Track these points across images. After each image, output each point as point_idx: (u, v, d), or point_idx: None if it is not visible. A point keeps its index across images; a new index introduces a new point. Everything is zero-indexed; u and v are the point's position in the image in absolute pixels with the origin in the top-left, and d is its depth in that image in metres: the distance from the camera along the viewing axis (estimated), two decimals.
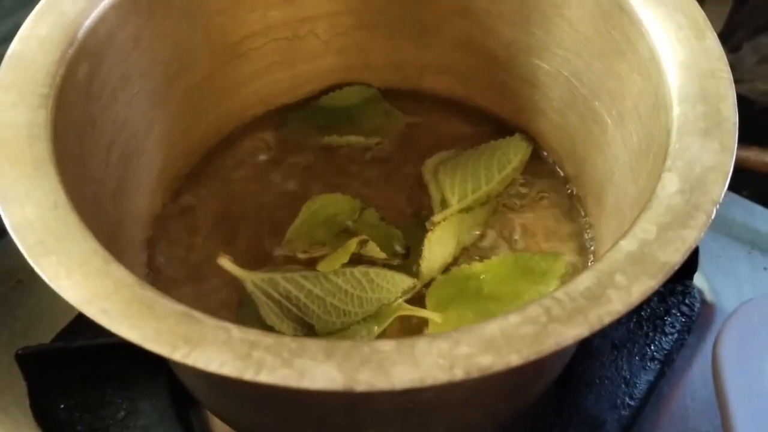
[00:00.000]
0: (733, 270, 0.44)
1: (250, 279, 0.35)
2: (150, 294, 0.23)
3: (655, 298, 0.41)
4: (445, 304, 0.35)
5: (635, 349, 0.39)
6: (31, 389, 0.38)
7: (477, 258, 0.37)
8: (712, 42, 0.29)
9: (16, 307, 0.43)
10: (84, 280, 0.23)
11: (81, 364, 0.38)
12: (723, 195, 0.24)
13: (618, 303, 0.22)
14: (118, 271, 0.23)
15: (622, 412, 0.37)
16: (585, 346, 0.39)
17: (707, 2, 0.86)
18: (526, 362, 0.21)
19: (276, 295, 0.35)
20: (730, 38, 0.86)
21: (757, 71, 0.84)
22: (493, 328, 0.22)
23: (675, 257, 0.23)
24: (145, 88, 0.35)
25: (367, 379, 0.20)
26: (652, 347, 0.39)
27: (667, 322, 0.40)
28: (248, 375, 0.20)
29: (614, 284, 0.22)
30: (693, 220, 0.24)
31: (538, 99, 0.39)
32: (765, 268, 0.44)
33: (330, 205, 0.39)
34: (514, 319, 0.22)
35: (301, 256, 0.37)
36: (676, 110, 0.27)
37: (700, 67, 0.28)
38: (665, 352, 0.39)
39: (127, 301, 0.22)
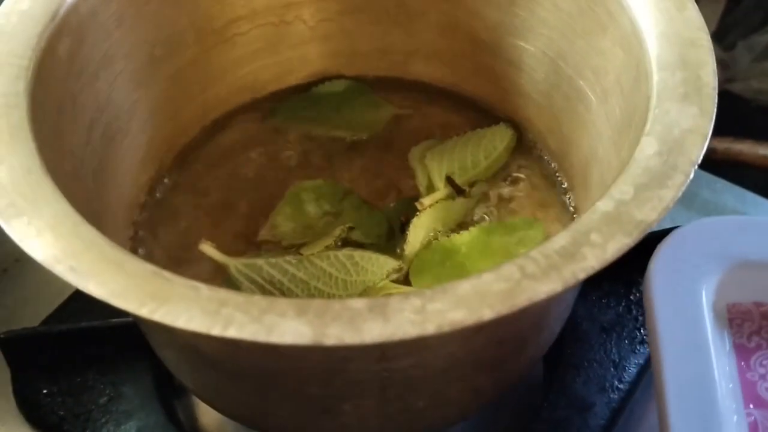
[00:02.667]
0: None
1: (233, 264, 0.35)
2: (119, 253, 0.22)
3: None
4: (429, 279, 0.35)
5: (624, 333, 0.39)
6: (14, 374, 0.37)
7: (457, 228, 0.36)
8: (692, 12, 0.29)
9: (1, 296, 0.43)
10: (54, 240, 0.23)
11: (64, 348, 0.37)
12: (701, 156, 0.24)
13: (593, 260, 0.21)
14: (89, 232, 0.23)
15: (611, 395, 0.36)
16: (573, 329, 0.38)
17: (701, 1, 0.86)
18: (499, 316, 0.20)
19: (259, 280, 0.35)
20: (724, 37, 0.86)
21: (752, 70, 0.84)
22: (466, 286, 0.21)
23: (651, 215, 0.22)
24: (129, 68, 0.35)
25: (337, 334, 0.20)
26: (642, 331, 0.39)
27: None
28: (216, 330, 0.20)
29: (589, 242, 0.22)
30: (670, 180, 0.23)
31: (524, 82, 0.39)
32: None
33: (313, 189, 0.39)
34: (487, 277, 0.21)
35: (285, 242, 0.37)
36: (655, 77, 0.27)
37: (680, 36, 0.28)
38: None
39: (96, 259, 0.22)
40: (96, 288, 0.21)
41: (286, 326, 0.20)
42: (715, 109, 0.25)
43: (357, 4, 0.41)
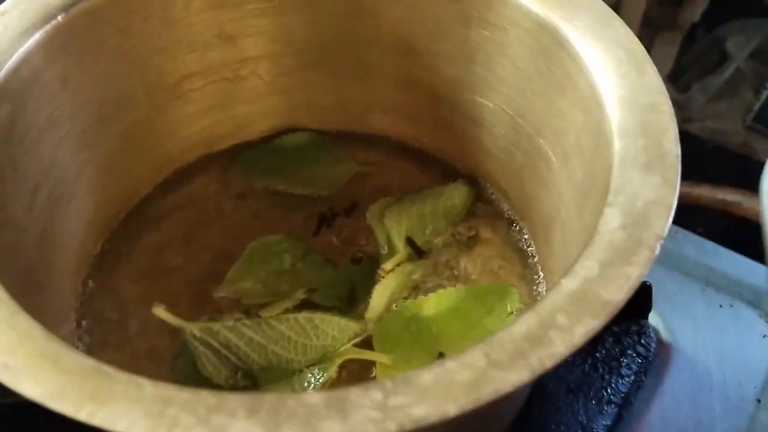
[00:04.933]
0: (688, 308, 0.43)
1: (188, 329, 0.33)
2: (57, 347, 0.21)
3: (610, 339, 0.40)
4: (393, 344, 0.34)
5: (591, 393, 0.38)
6: None
7: (423, 294, 0.35)
8: (653, 76, 0.28)
9: None
10: None
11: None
12: (667, 229, 0.23)
13: (560, 345, 0.21)
14: (25, 323, 0.21)
15: None
16: (540, 390, 0.37)
17: (656, 43, 0.88)
18: (464, 412, 0.19)
19: (215, 344, 0.33)
20: (679, 78, 0.87)
21: (707, 110, 0.85)
22: (428, 376, 0.20)
23: (618, 295, 0.22)
24: (75, 129, 0.34)
25: None
26: (609, 390, 0.38)
27: (623, 364, 0.39)
28: None
29: (556, 325, 0.21)
30: (636, 256, 0.23)
31: (483, 138, 0.39)
32: (720, 306, 0.43)
33: (273, 245, 0.38)
34: (451, 365, 0.20)
35: (244, 301, 0.36)
36: (617, 145, 0.27)
37: (640, 101, 0.28)
38: (622, 394, 0.38)
39: (32, 354, 0.20)
40: (30, 389, 0.19)
41: (236, 428, 0.19)
42: (679, 178, 0.25)
43: (313, 59, 0.40)
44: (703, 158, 0.84)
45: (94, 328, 0.35)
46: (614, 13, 0.31)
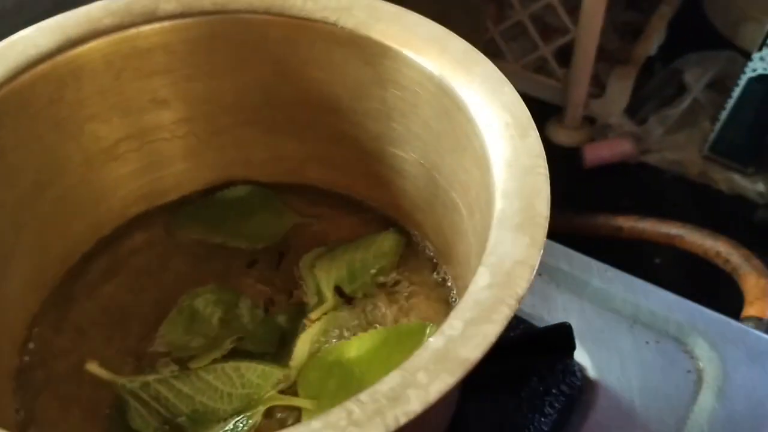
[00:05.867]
0: (615, 345, 0.45)
1: (120, 383, 0.35)
2: None
3: (534, 378, 0.41)
4: (317, 389, 0.36)
5: (515, 431, 0.39)
6: None
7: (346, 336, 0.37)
8: (534, 140, 0.30)
9: None
10: None
11: None
12: (528, 288, 0.25)
13: (416, 402, 0.22)
14: None
15: None
16: (464, 428, 0.39)
17: (612, 77, 0.90)
18: None
19: (145, 397, 0.35)
20: (637, 111, 0.90)
21: (665, 142, 0.88)
22: None
23: (475, 353, 0.23)
24: (11, 196, 0.36)
25: None
26: (531, 429, 0.39)
27: (546, 402, 0.41)
28: None
29: (415, 383, 0.23)
30: (496, 314, 0.24)
31: (408, 188, 0.41)
32: (647, 342, 0.45)
33: (205, 296, 0.39)
34: (316, 425, 0.22)
35: (174, 354, 0.37)
36: (498, 205, 0.29)
37: (521, 163, 0.30)
38: None
39: None
40: None
41: None
42: (545, 239, 0.27)
43: (247, 118, 0.42)
44: (661, 189, 0.86)
45: (31, 386, 0.37)
46: (505, 79, 0.33)
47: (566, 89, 0.83)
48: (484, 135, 0.32)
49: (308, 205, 0.45)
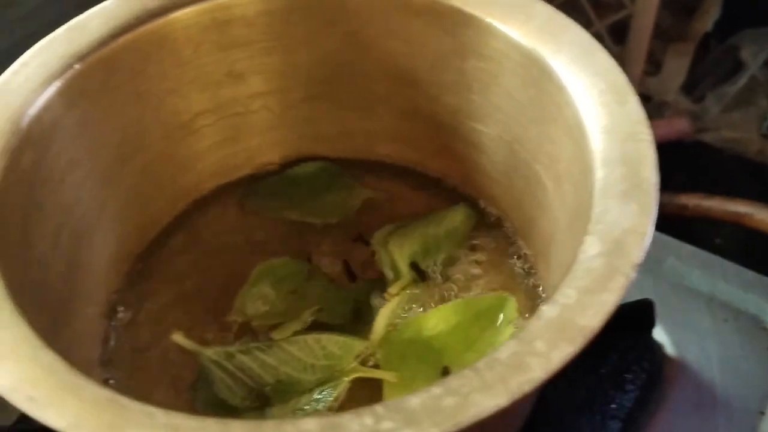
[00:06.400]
0: (693, 323, 0.44)
1: (204, 354, 0.35)
2: (77, 379, 0.23)
3: (615, 355, 0.41)
4: (399, 362, 0.35)
5: (595, 408, 0.39)
6: None
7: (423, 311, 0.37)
8: (634, 105, 0.30)
9: None
10: (13, 368, 0.23)
11: None
12: (642, 256, 0.25)
13: (538, 370, 0.22)
14: (48, 357, 0.23)
15: None
16: (544, 407, 0.38)
17: (669, 54, 0.88)
18: None
19: (231, 367, 0.35)
20: (694, 89, 0.88)
21: (722, 120, 0.86)
22: (416, 401, 0.22)
23: (594, 322, 0.23)
24: (96, 169, 0.36)
25: None
26: (613, 405, 0.39)
27: (627, 379, 0.40)
28: None
29: (534, 351, 0.23)
30: (612, 283, 0.24)
31: (484, 163, 0.40)
32: (725, 320, 0.44)
33: (278, 268, 0.40)
34: (436, 390, 0.22)
35: (254, 323, 0.38)
36: (598, 173, 0.28)
37: (621, 130, 0.29)
38: (626, 410, 0.39)
39: (54, 387, 0.22)
40: (54, 419, 0.21)
41: None
42: (657, 205, 0.26)
43: (319, 92, 0.42)
44: (718, 168, 0.84)
45: (118, 357, 0.37)
46: (597, 44, 0.32)
47: (622, 67, 0.81)
48: (577, 103, 0.31)
49: (378, 181, 0.44)
